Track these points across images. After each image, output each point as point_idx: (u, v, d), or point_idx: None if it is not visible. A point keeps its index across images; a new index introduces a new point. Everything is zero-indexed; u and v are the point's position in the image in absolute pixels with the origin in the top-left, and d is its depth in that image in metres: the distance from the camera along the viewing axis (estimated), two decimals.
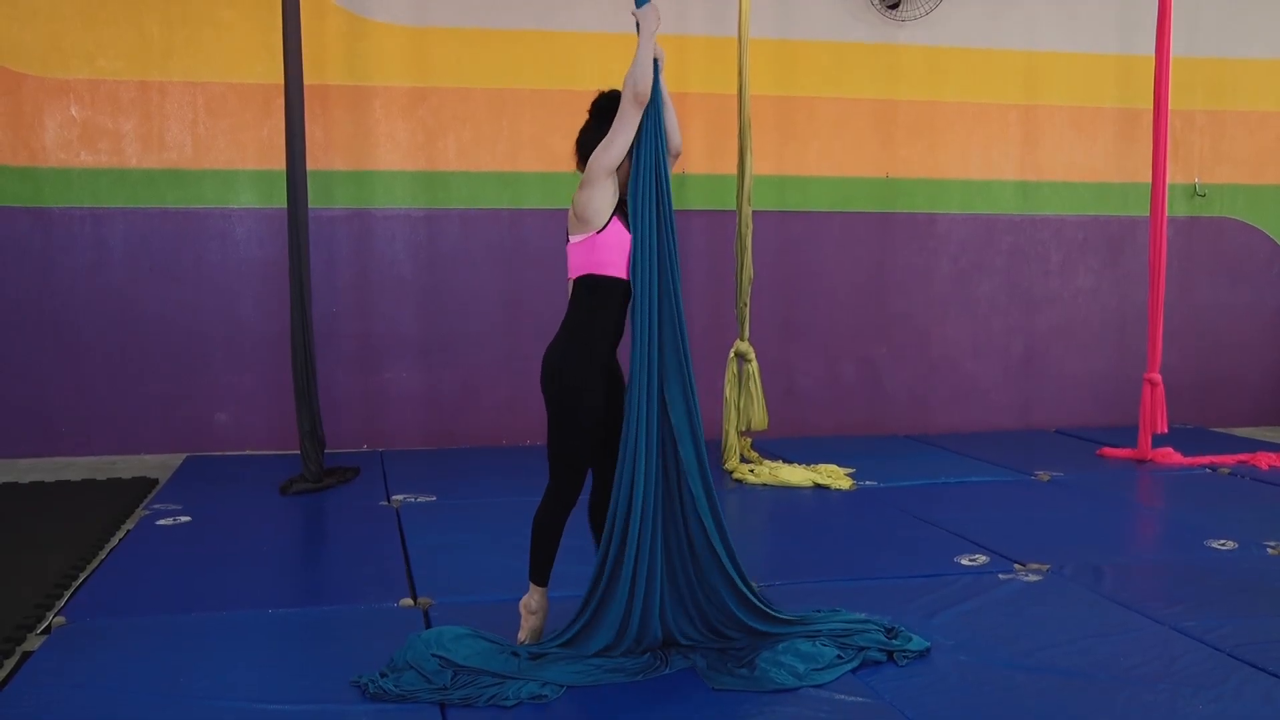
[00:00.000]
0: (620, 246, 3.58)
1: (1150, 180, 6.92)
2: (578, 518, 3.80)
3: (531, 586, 3.73)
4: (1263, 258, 8.56)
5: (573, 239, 3.63)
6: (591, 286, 3.60)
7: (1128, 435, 7.23)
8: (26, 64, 6.82)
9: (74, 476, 6.44)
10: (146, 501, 5.82)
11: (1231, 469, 6.70)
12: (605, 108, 3.67)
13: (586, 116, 3.73)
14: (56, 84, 6.85)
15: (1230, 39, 8.29)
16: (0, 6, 6.75)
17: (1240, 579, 4.50)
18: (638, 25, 3.63)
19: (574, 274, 3.63)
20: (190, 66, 6.98)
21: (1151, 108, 6.88)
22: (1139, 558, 5.05)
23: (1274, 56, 8.40)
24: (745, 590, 3.68)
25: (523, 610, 3.73)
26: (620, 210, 3.62)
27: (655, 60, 3.61)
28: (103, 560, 4.79)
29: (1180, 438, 7.26)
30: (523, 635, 3.69)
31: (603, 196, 3.57)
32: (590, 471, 3.74)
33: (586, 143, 3.67)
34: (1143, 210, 7.67)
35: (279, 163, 6.47)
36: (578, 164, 3.72)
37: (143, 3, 6.89)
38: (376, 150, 7.23)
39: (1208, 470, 6.72)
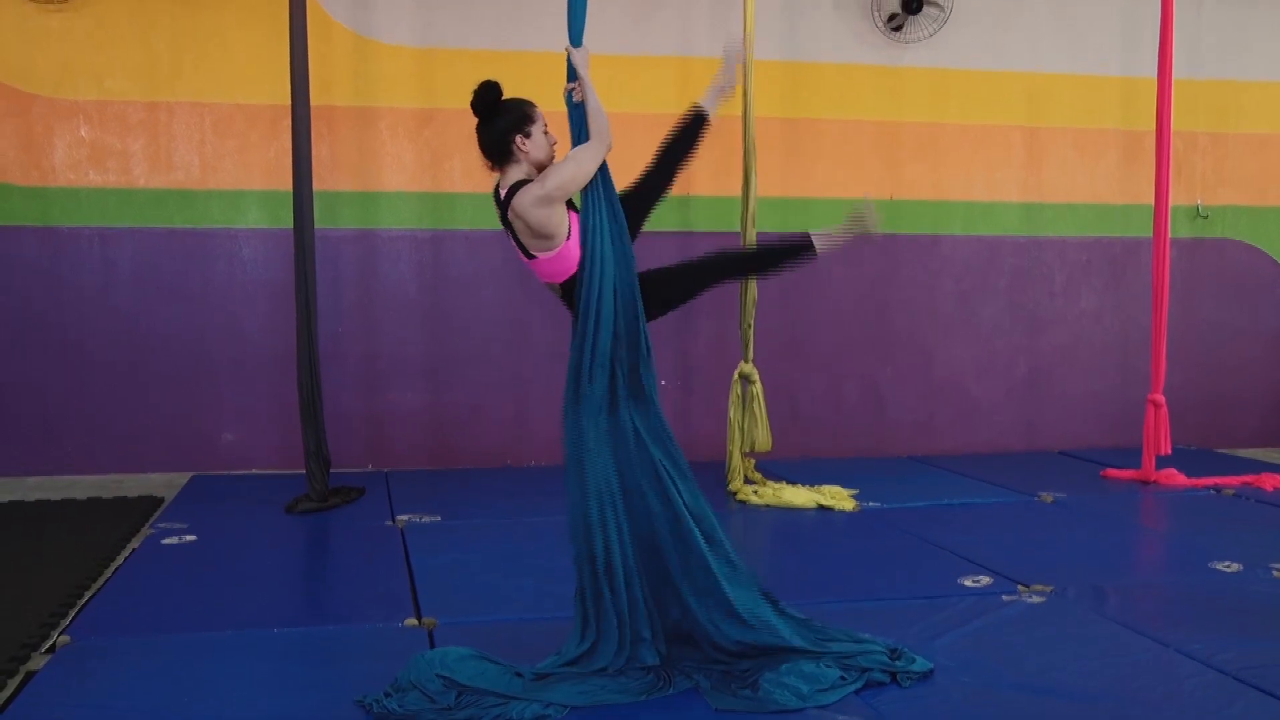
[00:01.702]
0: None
1: (1153, 202, 6.94)
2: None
3: None
4: (1266, 279, 8.57)
5: (540, 256, 3.67)
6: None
7: (1132, 456, 7.22)
8: (37, 85, 6.87)
9: (80, 495, 6.46)
10: (152, 520, 5.84)
11: (1236, 490, 6.69)
12: (494, 104, 3.70)
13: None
14: (66, 105, 6.91)
15: (1232, 62, 8.33)
16: (12, 29, 6.82)
17: (1245, 601, 4.49)
18: (569, 64, 3.69)
19: (559, 279, 3.69)
20: (198, 87, 7.04)
21: (1154, 130, 6.91)
22: (1143, 580, 5.05)
23: (1276, 79, 8.43)
24: (732, 600, 3.64)
25: None
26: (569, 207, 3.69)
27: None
28: (108, 579, 4.80)
29: (1184, 459, 7.24)
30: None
31: (561, 210, 3.63)
32: None
33: (493, 143, 3.71)
34: (1146, 231, 7.69)
35: (285, 183, 6.50)
36: (491, 165, 3.77)
37: (152, 25, 6.95)
38: (382, 171, 7.27)
39: (1212, 492, 6.71)
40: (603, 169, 3.70)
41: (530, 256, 3.70)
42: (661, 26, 7.47)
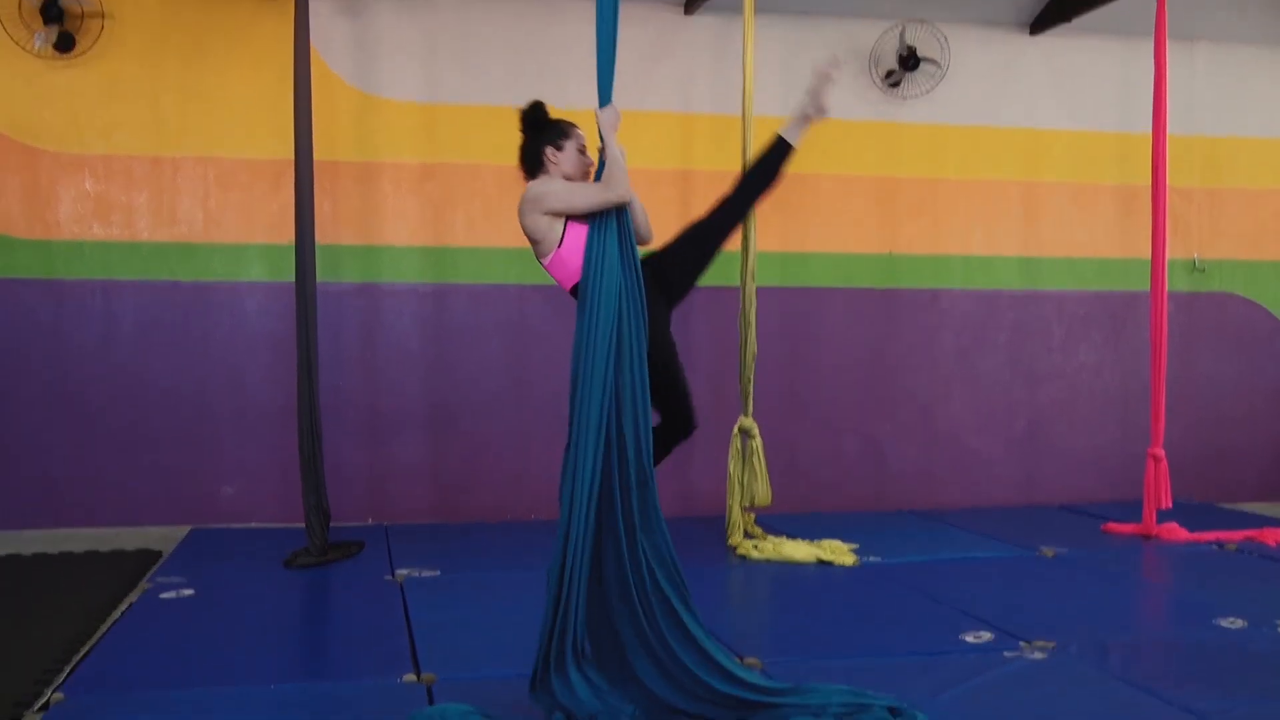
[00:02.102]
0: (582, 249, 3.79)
1: (1150, 256, 6.98)
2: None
3: None
4: (1264, 332, 8.60)
5: (544, 260, 3.94)
6: None
7: (1132, 510, 7.19)
8: (45, 140, 6.94)
9: (77, 548, 6.43)
10: (150, 574, 5.81)
11: (1238, 545, 6.66)
12: (537, 121, 3.99)
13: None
14: (73, 159, 6.97)
15: (1227, 118, 8.42)
16: (23, 86, 6.89)
17: (1251, 658, 4.46)
18: (599, 126, 3.76)
19: (565, 285, 3.95)
20: (203, 141, 7.11)
21: (1150, 184, 6.97)
22: (1146, 636, 5.01)
23: (1269, 135, 8.52)
24: (720, 660, 3.63)
25: None
26: (574, 218, 3.81)
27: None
28: (104, 634, 4.77)
29: (1186, 513, 7.22)
30: None
31: (547, 220, 3.82)
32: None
33: (529, 155, 3.99)
34: (1143, 285, 7.71)
35: (288, 237, 6.55)
36: (525, 176, 4.01)
37: (159, 81, 7.03)
38: (385, 225, 7.32)
39: (1214, 546, 6.68)
40: (624, 217, 3.72)
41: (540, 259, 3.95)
42: (662, 83, 7.55)
